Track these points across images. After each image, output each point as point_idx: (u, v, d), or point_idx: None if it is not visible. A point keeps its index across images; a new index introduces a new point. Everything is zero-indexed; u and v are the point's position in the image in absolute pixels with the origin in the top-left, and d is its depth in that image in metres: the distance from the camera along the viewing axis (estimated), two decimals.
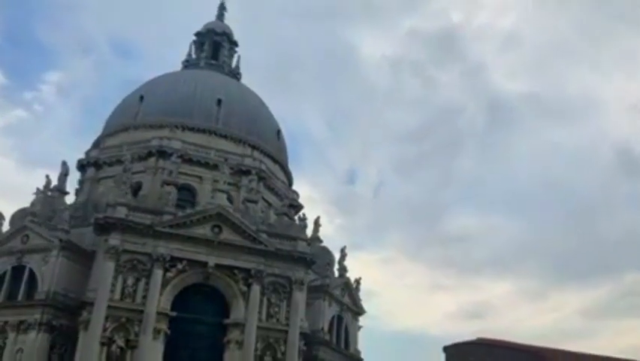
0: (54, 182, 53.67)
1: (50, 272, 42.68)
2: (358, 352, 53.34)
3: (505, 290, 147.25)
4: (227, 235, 44.32)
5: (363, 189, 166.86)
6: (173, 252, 42.43)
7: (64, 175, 54.07)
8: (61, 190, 53.10)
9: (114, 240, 41.48)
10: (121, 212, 42.45)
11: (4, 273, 44.40)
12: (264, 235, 45.30)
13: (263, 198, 55.84)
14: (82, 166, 57.62)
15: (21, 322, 41.47)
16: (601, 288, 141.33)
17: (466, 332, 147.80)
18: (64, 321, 41.90)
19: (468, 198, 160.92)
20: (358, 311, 54.22)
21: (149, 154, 53.88)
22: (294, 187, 64.56)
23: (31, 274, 43.62)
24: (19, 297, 43.09)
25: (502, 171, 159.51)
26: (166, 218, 43.38)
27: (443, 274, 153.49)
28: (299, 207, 61.85)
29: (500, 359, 64.91)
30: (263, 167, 57.06)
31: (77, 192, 57.61)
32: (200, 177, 53.86)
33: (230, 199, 49.81)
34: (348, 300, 52.69)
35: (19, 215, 52.23)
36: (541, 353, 66.39)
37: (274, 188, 58.47)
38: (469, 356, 67.13)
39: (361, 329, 55.06)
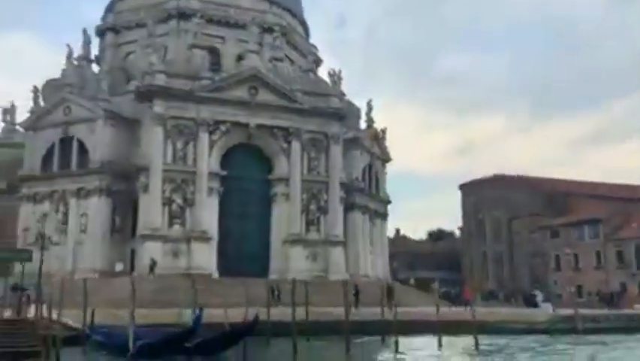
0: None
1: (99, 141, 44.56)
2: (387, 195, 57.34)
3: (496, 126, 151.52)
4: (263, 95, 45.54)
5: (355, 32, 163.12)
6: (215, 115, 43.94)
7: (87, 44, 53.77)
8: (88, 59, 53.18)
9: (158, 107, 42.74)
10: (160, 79, 43.26)
11: (53, 145, 46.25)
12: (299, 94, 46.56)
13: (285, 56, 56.14)
14: (100, 32, 57.02)
15: (80, 189, 44.23)
16: (590, 117, 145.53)
17: (461, 168, 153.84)
18: (121, 186, 44.62)
19: (460, 37, 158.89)
20: (386, 159, 57.29)
21: (169, 16, 53.24)
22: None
23: (80, 143, 45.49)
24: (73, 166, 45.33)
25: (495, 7, 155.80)
26: (204, 83, 44.28)
27: (438, 115, 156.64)
28: (319, 61, 62.34)
29: (515, 193, 69.67)
30: (284, 23, 56.58)
31: (98, 60, 57.54)
32: (222, 38, 53.68)
33: None
34: (377, 149, 55.42)
35: (50, 86, 52.97)
36: (548, 183, 71.19)
37: (295, 44, 58.44)
38: (484, 192, 71.97)
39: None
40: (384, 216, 56.84)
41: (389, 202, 57.46)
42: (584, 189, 67.56)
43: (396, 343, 20.77)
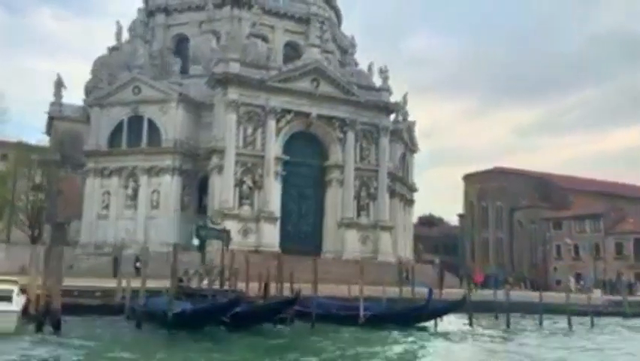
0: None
1: (172, 122, 47.06)
2: (414, 183, 62.01)
3: (452, 110, 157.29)
4: (324, 87, 48.94)
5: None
6: (283, 104, 47.14)
7: (141, 23, 55.50)
8: (142, 38, 54.95)
9: (233, 94, 45.57)
10: (235, 67, 46.00)
11: (121, 122, 48.33)
12: (354, 87, 50.21)
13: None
14: (150, 12, 58.61)
15: (151, 167, 46.74)
16: (544, 105, 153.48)
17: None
18: (189, 165, 47.44)
19: (426, 19, 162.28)
20: (415, 149, 61.79)
21: (223, 2, 55.65)
22: None
23: (149, 123, 47.78)
24: (143, 144, 47.63)
25: None
26: (273, 73, 47.29)
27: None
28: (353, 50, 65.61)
29: (514, 185, 75.68)
30: (327, 14, 59.65)
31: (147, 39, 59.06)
32: (272, 27, 56.51)
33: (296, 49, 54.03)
34: (408, 140, 59.77)
35: (101, 64, 54.72)
36: (546, 178, 77.56)
37: (334, 35, 61.59)
38: (486, 183, 77.70)
39: None
40: (411, 202, 61.51)
41: (416, 190, 62.12)
42: (578, 185, 74.30)
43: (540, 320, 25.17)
